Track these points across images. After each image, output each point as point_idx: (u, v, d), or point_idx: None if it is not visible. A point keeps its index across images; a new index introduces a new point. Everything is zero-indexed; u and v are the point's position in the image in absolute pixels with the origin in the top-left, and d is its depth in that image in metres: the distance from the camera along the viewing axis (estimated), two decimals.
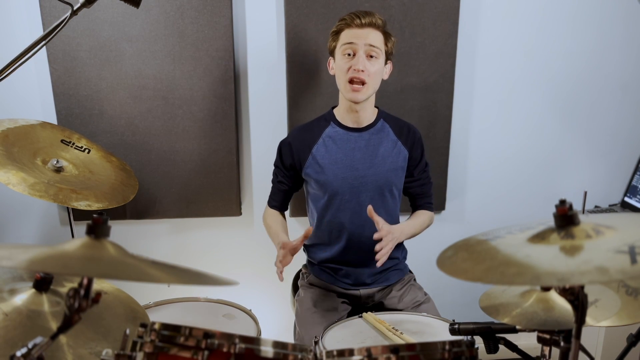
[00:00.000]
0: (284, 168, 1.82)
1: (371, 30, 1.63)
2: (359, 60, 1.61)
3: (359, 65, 1.61)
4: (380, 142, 1.75)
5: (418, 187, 1.83)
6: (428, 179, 1.85)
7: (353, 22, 1.62)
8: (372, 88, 1.66)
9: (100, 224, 0.82)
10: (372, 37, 1.62)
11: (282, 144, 1.82)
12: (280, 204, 1.88)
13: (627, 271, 0.66)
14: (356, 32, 1.62)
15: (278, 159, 1.83)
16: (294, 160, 1.78)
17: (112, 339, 1.07)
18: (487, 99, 2.27)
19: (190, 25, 2.00)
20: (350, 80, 1.63)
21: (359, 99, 1.65)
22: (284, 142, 1.81)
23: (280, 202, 1.87)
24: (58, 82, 2.00)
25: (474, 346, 0.95)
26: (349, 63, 1.63)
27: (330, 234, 1.78)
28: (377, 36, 1.64)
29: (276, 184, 1.86)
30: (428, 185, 1.85)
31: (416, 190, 1.84)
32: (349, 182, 1.72)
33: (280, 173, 1.83)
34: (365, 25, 1.62)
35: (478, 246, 0.89)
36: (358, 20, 1.62)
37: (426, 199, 1.86)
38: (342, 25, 1.65)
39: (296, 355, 0.89)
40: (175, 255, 2.29)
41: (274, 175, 1.87)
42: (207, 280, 0.84)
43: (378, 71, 1.65)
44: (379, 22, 1.64)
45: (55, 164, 1.70)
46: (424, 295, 1.81)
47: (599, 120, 2.35)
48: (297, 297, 1.86)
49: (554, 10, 2.19)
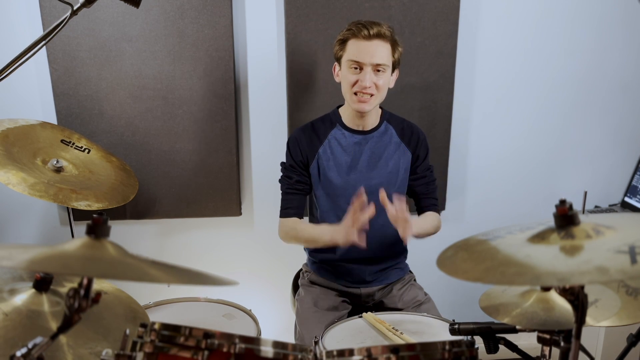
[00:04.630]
0: (297, 166, 1.75)
1: (379, 43, 1.58)
2: (365, 77, 1.59)
3: (365, 82, 1.59)
4: (385, 145, 1.74)
5: (423, 185, 1.81)
6: (432, 179, 1.83)
7: (360, 32, 1.57)
8: (380, 99, 1.66)
9: (100, 224, 0.82)
10: (378, 55, 1.58)
11: (290, 143, 1.77)
12: (298, 210, 1.75)
13: (627, 271, 0.66)
14: (364, 46, 1.58)
15: (290, 158, 1.76)
16: (303, 157, 1.75)
17: (112, 339, 1.07)
18: (487, 98, 2.27)
19: (190, 25, 2.00)
20: (356, 93, 1.62)
21: (366, 110, 1.64)
22: (292, 140, 1.76)
23: (297, 208, 1.75)
24: (58, 82, 2.00)
25: (474, 346, 0.95)
26: (355, 77, 1.61)
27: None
28: (385, 51, 1.59)
29: (292, 185, 1.75)
30: (432, 185, 1.83)
31: (421, 189, 1.81)
32: (353, 184, 1.71)
33: (295, 172, 1.75)
34: (373, 37, 1.57)
35: (478, 246, 0.89)
36: (365, 31, 1.57)
37: (431, 200, 1.83)
38: (348, 34, 1.61)
39: (296, 355, 0.89)
40: (175, 255, 2.29)
41: (285, 180, 1.77)
42: (207, 280, 0.84)
43: (385, 83, 1.64)
44: (387, 33, 1.59)
45: (55, 164, 1.70)
46: (424, 295, 1.81)
47: (598, 120, 2.35)
48: (297, 296, 1.86)
49: (554, 10, 2.19)
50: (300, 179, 1.75)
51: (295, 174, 1.76)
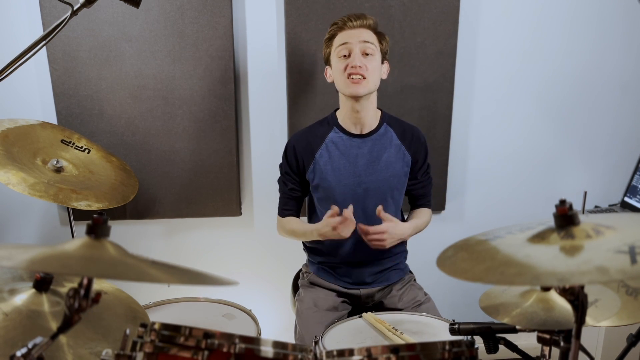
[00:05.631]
0: (293, 173, 1.78)
1: (363, 30, 1.64)
2: (355, 57, 1.61)
3: (355, 62, 1.61)
4: (384, 148, 1.74)
5: (420, 188, 1.83)
6: (429, 180, 1.85)
7: (345, 24, 1.64)
8: (373, 83, 1.65)
9: (100, 224, 0.82)
10: (365, 35, 1.63)
11: (287, 149, 1.79)
12: (294, 211, 1.83)
13: (627, 271, 0.66)
14: (349, 33, 1.64)
15: (285, 165, 1.79)
16: (299, 164, 1.76)
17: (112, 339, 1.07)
18: (487, 99, 2.27)
19: (190, 25, 2.00)
20: (349, 76, 1.63)
21: (360, 92, 1.63)
22: (289, 147, 1.78)
23: (293, 210, 1.82)
24: (58, 82, 2.00)
25: (474, 346, 0.95)
26: (345, 62, 1.63)
27: (332, 240, 1.77)
28: (371, 34, 1.65)
29: (287, 192, 1.81)
30: (429, 186, 1.86)
31: (418, 191, 1.84)
32: (352, 189, 1.72)
33: (290, 180, 1.79)
34: (358, 27, 1.64)
35: (478, 246, 0.89)
36: (350, 22, 1.63)
37: (426, 198, 1.87)
38: (334, 29, 1.67)
39: (296, 355, 0.89)
40: (175, 255, 2.29)
41: (282, 183, 1.82)
42: (207, 280, 0.84)
43: (376, 67, 1.65)
44: (371, 22, 1.65)
45: (55, 164, 1.70)
46: (424, 295, 1.80)
47: (598, 120, 2.35)
48: (297, 297, 1.86)
49: (554, 10, 2.19)
50: (294, 187, 1.79)
51: (290, 182, 1.80)
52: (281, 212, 1.84)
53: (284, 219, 1.83)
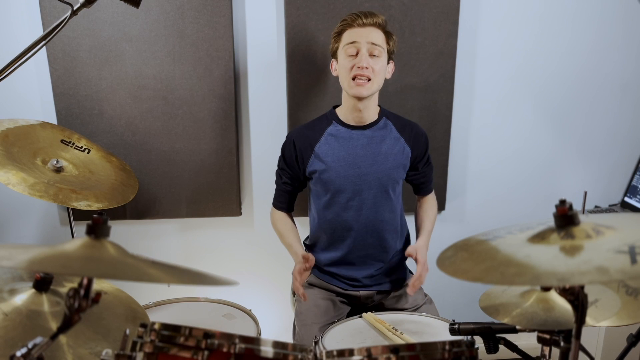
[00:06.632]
0: (287, 168, 1.80)
1: (373, 29, 1.64)
2: (362, 58, 1.61)
3: (362, 63, 1.61)
4: (383, 139, 1.75)
5: (422, 177, 1.86)
6: (430, 168, 1.88)
7: (355, 22, 1.63)
8: (377, 85, 1.66)
9: (100, 224, 0.82)
10: (373, 36, 1.63)
11: (285, 144, 1.80)
12: (287, 205, 1.88)
13: (627, 271, 0.66)
14: (358, 32, 1.63)
15: (282, 160, 1.82)
16: (297, 159, 1.77)
17: (112, 339, 1.07)
18: (487, 98, 2.27)
19: (190, 25, 2.00)
20: (354, 78, 1.63)
21: (364, 94, 1.64)
22: (287, 141, 1.80)
23: (286, 204, 1.88)
24: (58, 82, 2.00)
25: (474, 346, 0.95)
26: (352, 62, 1.63)
27: (333, 233, 1.78)
28: (379, 35, 1.65)
29: (281, 185, 1.85)
30: (430, 173, 1.89)
31: (419, 179, 1.86)
32: (352, 179, 1.72)
33: (285, 174, 1.82)
34: (367, 25, 1.63)
35: (478, 246, 0.89)
36: (360, 20, 1.63)
37: (428, 184, 1.90)
38: (343, 25, 1.66)
39: (296, 355, 0.89)
40: (175, 255, 2.29)
41: (277, 176, 1.86)
42: (207, 280, 0.84)
43: (381, 69, 1.65)
44: (380, 21, 1.65)
45: (55, 164, 1.69)
46: (424, 296, 1.81)
47: (598, 120, 2.35)
48: (297, 297, 1.86)
49: (554, 10, 2.19)
50: (287, 180, 1.83)
51: (285, 176, 1.83)
52: (275, 204, 1.90)
53: (277, 214, 1.90)
